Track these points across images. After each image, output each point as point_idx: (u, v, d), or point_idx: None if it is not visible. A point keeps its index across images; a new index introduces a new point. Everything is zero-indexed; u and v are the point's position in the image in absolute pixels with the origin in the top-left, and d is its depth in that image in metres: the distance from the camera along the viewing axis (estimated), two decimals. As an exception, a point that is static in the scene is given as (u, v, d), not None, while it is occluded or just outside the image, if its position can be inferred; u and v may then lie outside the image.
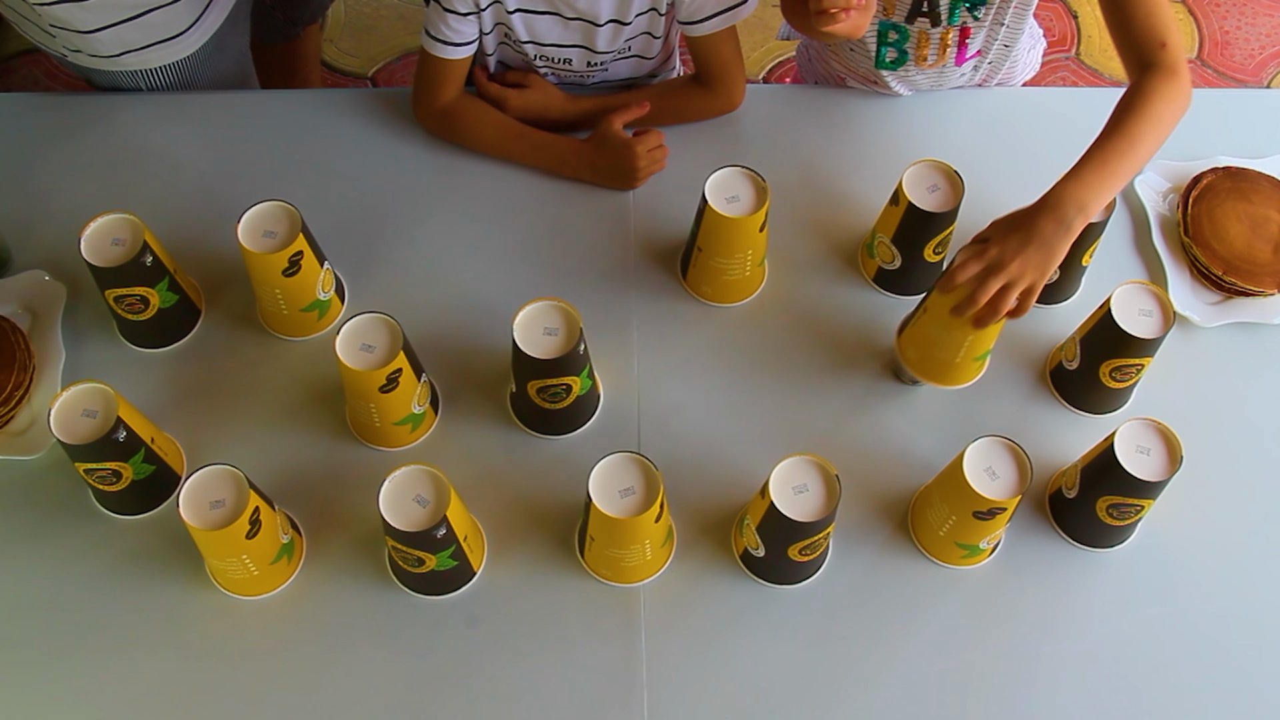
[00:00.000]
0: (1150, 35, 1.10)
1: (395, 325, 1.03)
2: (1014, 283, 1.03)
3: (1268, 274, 1.21)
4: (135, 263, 1.07)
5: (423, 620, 1.04)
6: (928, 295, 1.09)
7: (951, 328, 1.06)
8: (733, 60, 1.29)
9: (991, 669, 1.03)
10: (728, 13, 1.22)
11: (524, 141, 1.29)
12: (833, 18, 1.02)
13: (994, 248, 1.04)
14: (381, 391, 1.03)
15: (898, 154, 1.31)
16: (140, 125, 1.33)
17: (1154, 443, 1.01)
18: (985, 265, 1.03)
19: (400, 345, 1.02)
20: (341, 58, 2.29)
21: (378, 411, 1.06)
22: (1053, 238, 1.03)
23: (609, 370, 1.16)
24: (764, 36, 2.33)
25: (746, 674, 1.02)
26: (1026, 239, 1.03)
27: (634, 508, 0.95)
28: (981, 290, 1.03)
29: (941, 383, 1.12)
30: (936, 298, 1.06)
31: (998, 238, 1.05)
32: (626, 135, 1.27)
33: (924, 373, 1.12)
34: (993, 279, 1.03)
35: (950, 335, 1.07)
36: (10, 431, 1.11)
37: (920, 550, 1.08)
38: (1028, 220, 1.04)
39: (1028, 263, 1.03)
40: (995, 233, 1.06)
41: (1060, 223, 1.03)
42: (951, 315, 1.05)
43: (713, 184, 1.12)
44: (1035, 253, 1.03)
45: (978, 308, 1.03)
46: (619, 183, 1.28)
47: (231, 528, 0.94)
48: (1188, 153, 1.31)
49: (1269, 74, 2.43)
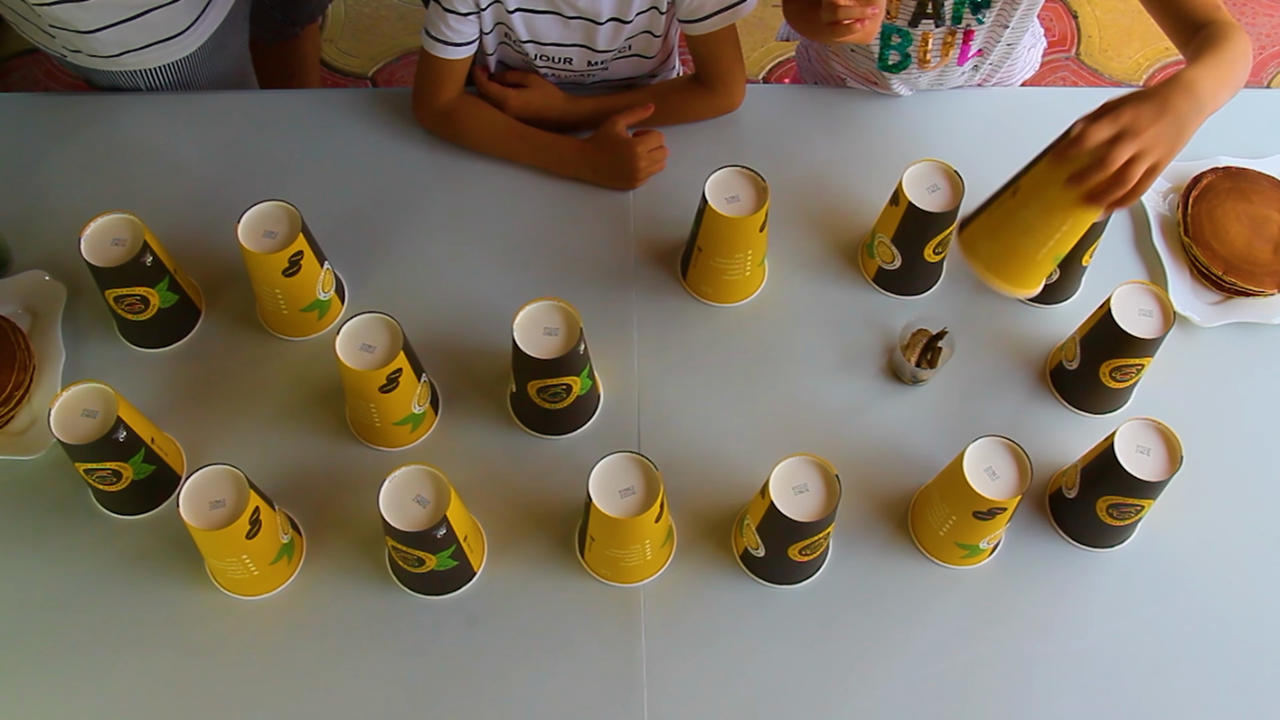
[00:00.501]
0: (1204, 6, 1.09)
1: (395, 325, 1.03)
2: (1144, 154, 0.96)
3: (1268, 274, 1.21)
4: (135, 263, 1.07)
5: (423, 620, 1.04)
6: (1019, 176, 1.00)
7: (1051, 209, 0.97)
8: (733, 60, 1.29)
9: (991, 669, 1.03)
10: (728, 10, 1.22)
11: (525, 141, 1.29)
12: (847, 28, 1.01)
13: (1127, 113, 0.96)
14: (382, 391, 1.03)
15: (898, 154, 1.31)
16: (140, 125, 1.33)
17: (1154, 443, 1.01)
18: (1118, 129, 0.95)
19: (400, 345, 1.02)
20: (341, 58, 2.29)
21: (378, 411, 1.06)
22: (1186, 115, 0.98)
23: (609, 370, 1.16)
24: (764, 36, 2.33)
25: (746, 674, 1.02)
26: (1161, 111, 0.97)
27: (634, 508, 0.95)
28: (1113, 155, 0.94)
29: (1011, 284, 1.01)
30: (1041, 172, 0.98)
31: (1130, 106, 0.97)
32: (627, 135, 1.27)
33: (995, 269, 1.01)
34: (1125, 144, 0.95)
35: (1047, 219, 0.98)
36: (10, 431, 1.11)
37: (920, 550, 1.08)
38: (1162, 95, 0.98)
39: (1161, 135, 0.96)
40: (1123, 103, 0.98)
41: (1195, 101, 0.98)
42: (1067, 186, 0.96)
43: (713, 184, 1.12)
44: (1169, 126, 0.97)
45: (1107, 173, 0.95)
46: (619, 183, 1.28)
47: (231, 528, 0.93)
48: (1188, 153, 1.30)
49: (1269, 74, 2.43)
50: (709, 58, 1.28)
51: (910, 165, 1.14)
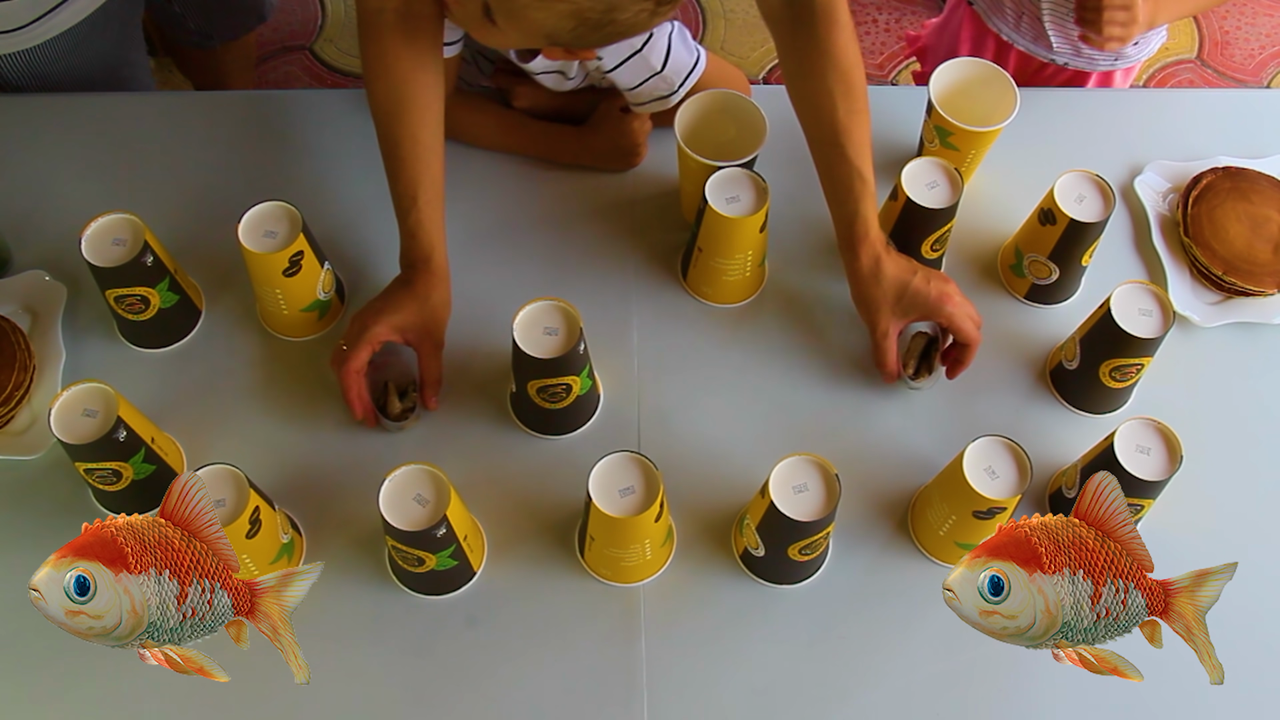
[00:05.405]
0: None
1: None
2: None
3: (1268, 274, 1.21)
4: (135, 263, 1.07)
5: (423, 620, 1.04)
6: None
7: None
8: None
9: (991, 669, 1.03)
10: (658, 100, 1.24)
11: (523, 131, 1.28)
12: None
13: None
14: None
15: (897, 151, 1.31)
16: (140, 125, 1.33)
17: (1154, 442, 1.01)
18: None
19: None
20: (341, 58, 2.29)
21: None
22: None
23: (609, 370, 1.16)
24: (764, 36, 2.33)
25: (746, 674, 1.02)
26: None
27: (634, 507, 0.95)
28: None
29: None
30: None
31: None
32: (622, 113, 1.26)
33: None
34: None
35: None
36: (10, 431, 1.11)
37: (920, 550, 1.08)
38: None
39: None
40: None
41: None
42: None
43: (713, 184, 1.12)
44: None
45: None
46: (619, 162, 1.27)
47: (231, 528, 0.93)
48: (1188, 153, 1.31)
49: (1269, 74, 2.43)
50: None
51: (909, 162, 1.14)
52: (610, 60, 1.18)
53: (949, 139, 1.21)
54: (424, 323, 1.09)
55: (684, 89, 1.23)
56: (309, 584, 0.79)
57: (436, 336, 1.10)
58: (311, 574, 0.79)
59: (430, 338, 1.09)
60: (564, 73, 1.23)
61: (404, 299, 1.08)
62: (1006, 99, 1.20)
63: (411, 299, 1.08)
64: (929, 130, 1.23)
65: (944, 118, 1.18)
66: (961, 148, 1.21)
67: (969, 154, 1.23)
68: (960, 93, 1.22)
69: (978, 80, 1.23)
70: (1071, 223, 1.12)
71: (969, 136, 1.20)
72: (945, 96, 1.21)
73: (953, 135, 1.20)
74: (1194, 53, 2.45)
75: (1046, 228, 1.15)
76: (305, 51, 2.43)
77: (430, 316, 1.09)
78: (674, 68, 1.22)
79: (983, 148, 1.23)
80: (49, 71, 1.36)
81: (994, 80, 1.22)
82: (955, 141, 1.21)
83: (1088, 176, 1.14)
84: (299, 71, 2.40)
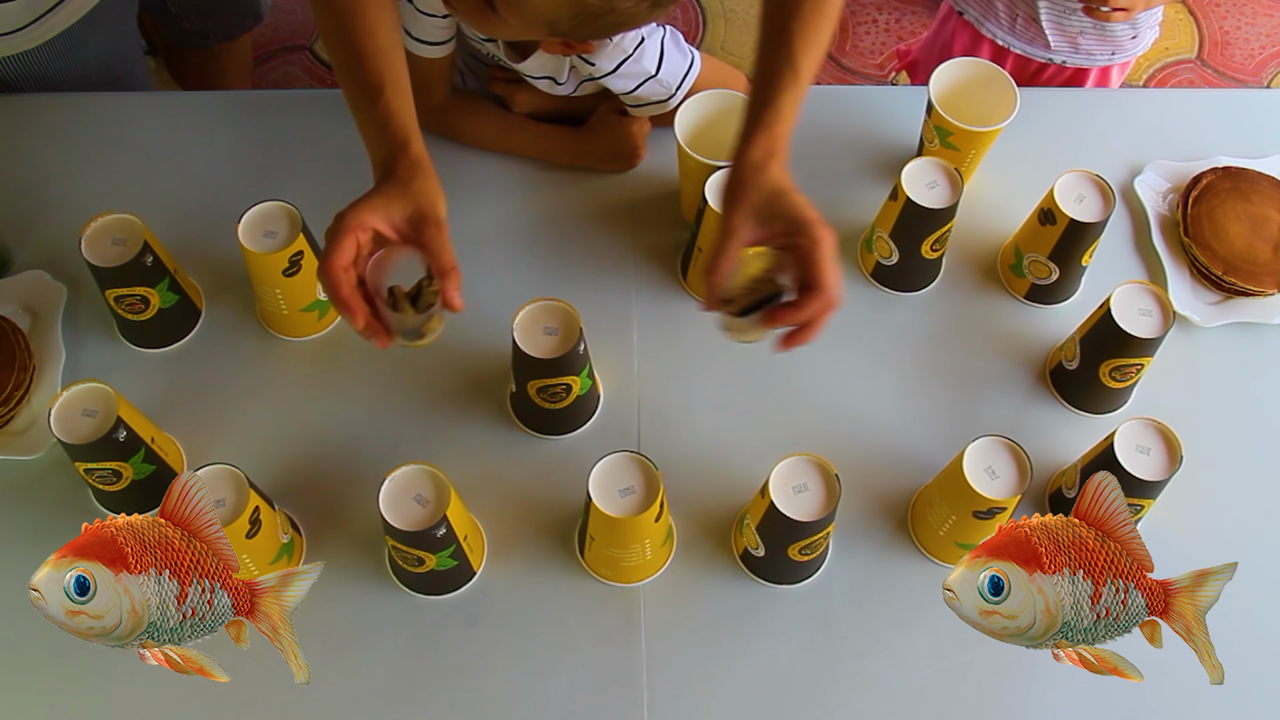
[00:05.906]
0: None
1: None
2: None
3: (1268, 274, 1.21)
4: (135, 263, 1.07)
5: (423, 620, 1.04)
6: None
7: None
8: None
9: (991, 669, 1.03)
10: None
11: (522, 132, 1.29)
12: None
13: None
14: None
15: (897, 151, 1.31)
16: (140, 125, 1.33)
17: (1154, 442, 1.01)
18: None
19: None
20: (341, 58, 2.29)
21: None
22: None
23: (609, 370, 1.16)
24: (764, 36, 2.33)
25: (746, 674, 1.02)
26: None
27: (634, 507, 0.95)
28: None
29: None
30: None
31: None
32: (621, 116, 1.26)
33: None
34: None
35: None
36: (10, 431, 1.11)
37: (920, 550, 1.08)
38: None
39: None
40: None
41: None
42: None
43: (713, 184, 1.12)
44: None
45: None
46: (618, 164, 1.27)
47: (231, 528, 0.93)
48: (1188, 153, 1.31)
49: (1269, 74, 2.43)
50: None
51: (909, 161, 1.14)
52: (604, 66, 1.18)
53: (949, 139, 1.21)
54: (416, 205, 0.91)
55: (681, 92, 1.23)
56: (309, 584, 0.79)
57: (436, 216, 0.91)
58: (311, 574, 0.79)
59: (429, 219, 0.90)
60: (554, 78, 1.23)
61: (386, 186, 0.92)
62: (1006, 99, 1.20)
63: (395, 184, 0.91)
64: (929, 130, 1.23)
65: (944, 118, 1.19)
66: (961, 148, 1.22)
67: (969, 154, 1.23)
68: (960, 93, 1.22)
69: (977, 80, 1.23)
70: (1071, 223, 1.12)
71: (969, 136, 1.20)
72: (945, 96, 1.21)
73: (953, 135, 1.20)
74: (1194, 53, 2.45)
75: (1046, 228, 1.15)
76: (305, 51, 2.43)
77: (421, 199, 0.91)
78: (669, 71, 1.21)
79: (982, 148, 1.23)
80: (47, 72, 1.36)
81: (993, 80, 1.22)
82: (955, 141, 1.21)
83: (1088, 176, 1.14)
84: (299, 71, 2.40)
